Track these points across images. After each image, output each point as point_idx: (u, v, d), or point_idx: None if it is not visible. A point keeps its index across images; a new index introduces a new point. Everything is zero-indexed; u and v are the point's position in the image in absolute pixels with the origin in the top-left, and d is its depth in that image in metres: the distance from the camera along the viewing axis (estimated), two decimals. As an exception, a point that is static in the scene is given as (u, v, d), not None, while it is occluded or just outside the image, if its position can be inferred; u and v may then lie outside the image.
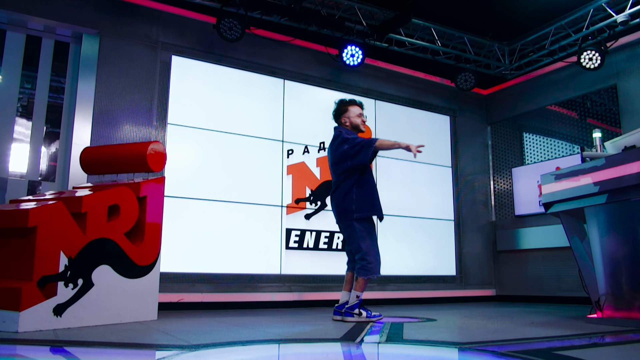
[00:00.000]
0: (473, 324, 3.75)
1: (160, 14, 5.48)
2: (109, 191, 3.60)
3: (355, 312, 3.82)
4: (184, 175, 5.31)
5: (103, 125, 4.99)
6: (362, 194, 3.87)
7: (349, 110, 4.07)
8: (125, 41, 5.24)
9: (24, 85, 5.05)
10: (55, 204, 3.21)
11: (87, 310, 3.32)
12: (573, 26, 6.17)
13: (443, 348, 2.58)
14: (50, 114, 5.07)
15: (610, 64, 6.11)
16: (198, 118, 5.51)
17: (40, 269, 3.07)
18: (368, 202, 3.87)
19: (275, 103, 6.01)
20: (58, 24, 5.00)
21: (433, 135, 7.22)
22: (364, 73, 6.66)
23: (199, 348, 2.48)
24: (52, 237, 3.14)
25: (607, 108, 6.32)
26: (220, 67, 5.74)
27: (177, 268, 5.07)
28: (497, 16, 6.23)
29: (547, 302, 6.44)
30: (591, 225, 3.69)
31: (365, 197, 3.86)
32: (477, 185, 7.42)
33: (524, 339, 2.86)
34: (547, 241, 6.51)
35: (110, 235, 3.54)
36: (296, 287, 5.64)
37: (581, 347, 2.61)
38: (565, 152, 6.63)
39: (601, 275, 3.63)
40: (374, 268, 3.80)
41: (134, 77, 5.21)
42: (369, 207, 3.86)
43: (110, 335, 2.93)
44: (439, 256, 6.92)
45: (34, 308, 3.01)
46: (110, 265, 3.52)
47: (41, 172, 4.97)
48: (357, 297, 3.83)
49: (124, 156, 4.07)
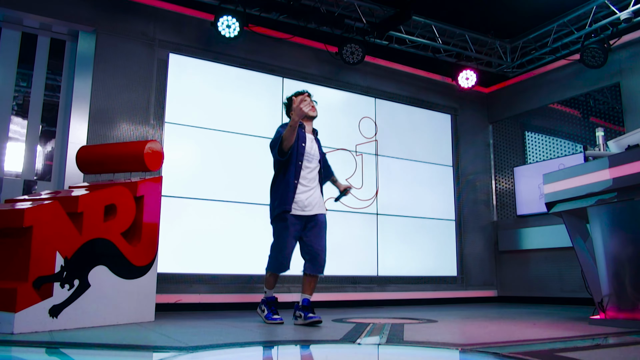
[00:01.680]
0: (474, 325, 3.75)
1: (158, 11, 5.48)
2: (105, 191, 3.60)
3: (262, 307, 3.88)
4: (182, 174, 5.30)
5: (99, 124, 4.99)
6: (277, 192, 3.72)
7: (293, 102, 3.80)
8: (122, 39, 5.23)
9: (20, 84, 5.04)
10: (51, 204, 3.21)
11: (84, 311, 3.32)
12: (575, 23, 6.17)
13: (444, 350, 2.58)
14: (46, 112, 5.06)
15: (613, 62, 6.11)
16: (196, 116, 5.50)
17: (36, 269, 3.07)
18: (280, 200, 3.67)
19: (274, 101, 6.00)
20: (54, 21, 5.00)
21: (434, 134, 7.22)
22: (364, 71, 6.66)
23: (197, 350, 2.48)
24: (48, 237, 3.14)
25: (610, 106, 6.32)
26: (219, 65, 5.73)
27: (175, 269, 5.07)
28: (499, 13, 6.22)
29: (549, 303, 6.44)
30: (594, 225, 3.69)
31: (279, 196, 3.68)
32: (479, 184, 7.42)
33: (526, 341, 2.86)
34: (550, 241, 6.51)
35: (106, 235, 3.53)
36: (295, 288, 5.63)
37: (584, 349, 2.60)
38: (567, 151, 6.63)
39: (604, 275, 3.62)
40: (269, 264, 3.77)
41: (130, 75, 5.21)
42: (279, 204, 3.67)
43: (106, 336, 2.92)
44: (439, 257, 6.92)
45: (29, 309, 3.00)
46: (106, 266, 3.51)
47: (37, 172, 4.97)
48: (265, 292, 3.86)
49: (120, 155, 4.06)
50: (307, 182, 3.74)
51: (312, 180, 3.78)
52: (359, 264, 6.24)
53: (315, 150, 3.84)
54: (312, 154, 3.80)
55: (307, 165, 3.76)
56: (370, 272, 6.30)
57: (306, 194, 3.71)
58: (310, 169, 3.78)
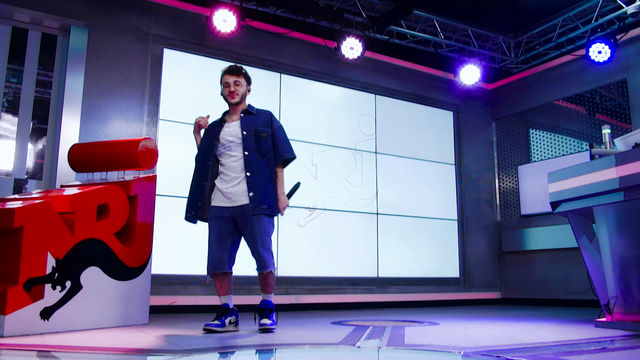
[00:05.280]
0: (477, 328, 3.75)
1: (152, 5, 5.46)
2: (98, 190, 3.59)
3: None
4: (177, 173, 5.29)
5: (92, 121, 4.98)
6: (191, 189, 3.57)
7: (221, 80, 3.65)
8: (115, 34, 5.22)
9: (10, 80, 5.03)
10: (42, 203, 3.20)
11: (76, 313, 3.31)
12: (581, 18, 6.17)
13: (446, 354, 2.58)
14: (37, 109, 5.05)
15: (620, 57, 6.11)
16: (191, 113, 5.46)
17: (27, 270, 3.06)
18: (190, 197, 3.54)
19: (271, 98, 5.99)
20: (45, 15, 4.98)
21: (436, 131, 7.22)
22: (364, 67, 6.65)
23: (192, 353, 2.48)
24: (39, 238, 3.13)
25: (617, 103, 6.32)
26: (215, 61, 5.72)
27: (169, 270, 5.07)
28: (503, 7, 6.22)
29: (554, 305, 6.45)
30: (600, 225, 3.69)
31: (190, 192, 3.56)
32: (482, 183, 7.42)
33: (531, 344, 2.86)
34: (555, 242, 6.51)
35: (99, 235, 3.53)
36: (293, 289, 5.63)
37: (590, 353, 2.61)
38: (573, 149, 6.64)
39: (611, 277, 3.62)
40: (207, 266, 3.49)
41: (124, 71, 5.20)
42: (187, 206, 3.54)
43: (99, 340, 2.92)
44: (441, 257, 6.92)
45: (20, 311, 3.00)
46: (99, 267, 3.51)
47: (28, 170, 4.96)
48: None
49: (113, 153, 4.06)
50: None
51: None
52: (358, 265, 6.24)
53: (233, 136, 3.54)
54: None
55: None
56: (370, 274, 6.30)
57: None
58: (235, 157, 3.50)
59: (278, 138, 3.58)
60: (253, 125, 3.54)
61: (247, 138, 3.48)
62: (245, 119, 3.57)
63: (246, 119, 3.57)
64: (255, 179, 3.41)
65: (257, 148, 3.48)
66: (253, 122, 3.57)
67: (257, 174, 3.43)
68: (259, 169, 3.44)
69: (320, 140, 6.22)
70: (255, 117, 3.61)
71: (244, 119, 3.56)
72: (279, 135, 3.60)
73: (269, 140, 3.54)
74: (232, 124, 3.58)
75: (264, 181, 3.43)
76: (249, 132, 3.51)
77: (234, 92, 3.56)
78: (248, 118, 3.58)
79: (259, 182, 3.41)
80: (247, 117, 3.58)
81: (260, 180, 3.42)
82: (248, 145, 3.46)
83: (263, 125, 3.57)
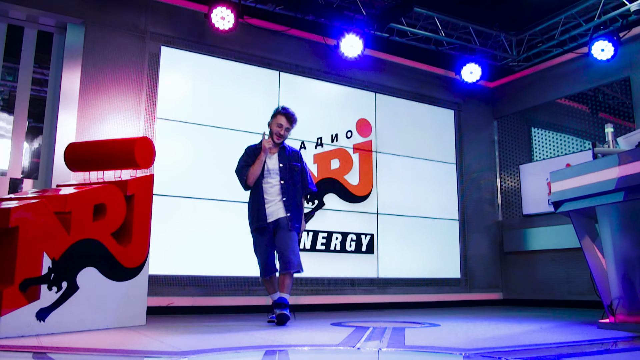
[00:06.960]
0: (479, 329, 3.75)
1: (149, 2, 5.46)
2: (94, 189, 3.59)
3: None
4: (174, 172, 5.29)
5: (88, 120, 4.97)
6: (249, 207, 4.24)
7: (270, 125, 4.27)
8: (111, 31, 5.22)
9: (5, 78, 5.03)
10: (38, 203, 3.20)
11: (72, 315, 3.31)
12: (584, 15, 6.17)
13: (447, 355, 2.58)
14: (32, 108, 5.04)
15: (623, 55, 6.10)
16: (189, 112, 5.50)
17: (23, 271, 3.06)
18: (251, 214, 4.21)
19: (270, 96, 5.99)
20: (41, 12, 4.98)
21: (436, 130, 7.22)
22: (364, 65, 6.64)
23: (190, 354, 2.48)
24: (34, 238, 3.13)
25: (620, 101, 6.32)
26: (212, 59, 5.72)
27: (167, 270, 5.06)
28: (504, 5, 6.22)
29: (556, 306, 6.45)
30: (603, 225, 3.69)
31: (250, 210, 4.22)
32: (483, 183, 7.42)
33: (533, 346, 2.86)
34: (557, 242, 6.52)
35: (96, 235, 3.53)
36: (292, 290, 5.62)
37: (593, 354, 2.61)
38: (575, 148, 6.64)
39: (614, 277, 3.63)
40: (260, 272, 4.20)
41: (121, 69, 5.19)
42: (251, 220, 4.22)
43: (96, 341, 2.92)
44: (442, 258, 6.92)
45: (15, 312, 3.00)
46: (96, 268, 3.51)
47: (23, 169, 4.95)
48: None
49: (110, 152, 4.05)
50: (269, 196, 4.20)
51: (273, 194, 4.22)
52: (358, 266, 6.24)
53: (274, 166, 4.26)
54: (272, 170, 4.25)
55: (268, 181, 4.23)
56: (370, 274, 6.30)
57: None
58: (272, 184, 4.21)
59: (306, 174, 4.36)
60: (288, 160, 4.26)
61: (284, 170, 4.23)
62: (281, 154, 4.28)
63: (282, 154, 4.28)
64: (290, 203, 4.17)
65: (290, 179, 4.23)
66: (287, 157, 4.28)
67: (291, 199, 4.18)
68: (292, 195, 4.20)
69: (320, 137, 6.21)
70: (288, 153, 4.31)
71: (281, 154, 4.27)
72: (306, 172, 4.38)
73: (299, 173, 4.30)
74: (272, 156, 4.25)
75: (295, 205, 4.20)
76: (285, 165, 4.24)
77: (282, 135, 4.21)
78: (283, 153, 4.28)
79: (293, 206, 4.18)
80: (283, 152, 4.29)
81: (293, 204, 4.19)
82: (284, 176, 4.21)
83: (295, 161, 4.32)
